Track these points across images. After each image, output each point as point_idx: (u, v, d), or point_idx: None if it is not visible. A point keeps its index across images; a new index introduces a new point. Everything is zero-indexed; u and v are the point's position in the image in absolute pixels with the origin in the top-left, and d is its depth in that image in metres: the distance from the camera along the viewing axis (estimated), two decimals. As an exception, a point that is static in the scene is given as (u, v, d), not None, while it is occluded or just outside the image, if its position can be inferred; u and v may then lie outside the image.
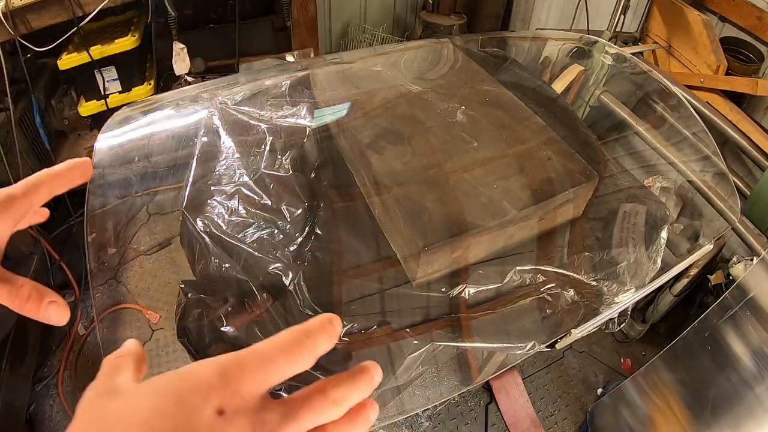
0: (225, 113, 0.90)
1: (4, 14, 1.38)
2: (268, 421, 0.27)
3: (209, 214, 0.78)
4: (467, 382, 1.07)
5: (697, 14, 1.54)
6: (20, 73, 1.60)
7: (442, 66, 1.16)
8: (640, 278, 0.80)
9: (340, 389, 0.30)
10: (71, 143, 1.94)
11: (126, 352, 0.32)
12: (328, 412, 0.29)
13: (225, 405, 0.25)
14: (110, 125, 0.89)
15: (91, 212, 0.80)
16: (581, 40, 1.33)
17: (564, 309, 0.77)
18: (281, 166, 0.85)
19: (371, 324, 0.72)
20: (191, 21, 1.99)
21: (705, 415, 1.07)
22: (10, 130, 1.57)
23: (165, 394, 0.26)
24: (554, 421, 1.59)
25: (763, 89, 1.40)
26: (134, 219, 0.98)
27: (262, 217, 0.78)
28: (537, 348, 0.72)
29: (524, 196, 0.78)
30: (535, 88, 1.11)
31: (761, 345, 0.99)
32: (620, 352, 1.76)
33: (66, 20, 1.49)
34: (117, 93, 1.79)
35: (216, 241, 0.75)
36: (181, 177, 0.83)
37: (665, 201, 1.07)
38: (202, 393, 0.25)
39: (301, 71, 1.05)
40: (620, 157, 1.17)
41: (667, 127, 1.22)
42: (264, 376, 0.27)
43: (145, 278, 1.84)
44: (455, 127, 0.90)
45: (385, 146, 0.85)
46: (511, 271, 0.77)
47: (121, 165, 0.86)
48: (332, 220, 0.81)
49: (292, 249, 0.75)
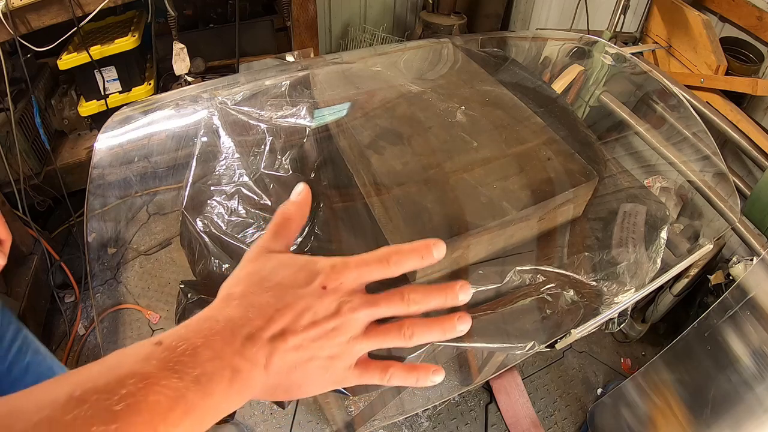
0: (225, 113, 0.90)
1: (4, 14, 1.38)
2: (353, 301, 0.37)
3: (209, 214, 0.78)
4: (467, 382, 1.07)
5: (697, 14, 1.54)
6: (20, 73, 1.60)
7: (442, 66, 1.16)
8: (640, 278, 0.80)
9: (415, 293, 0.38)
10: (71, 143, 1.94)
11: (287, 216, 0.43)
12: (401, 307, 0.38)
13: (327, 283, 0.37)
14: (110, 125, 0.89)
15: (90, 212, 0.80)
16: (581, 40, 1.33)
17: (564, 309, 0.77)
18: (281, 166, 0.85)
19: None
20: (191, 21, 1.99)
21: (705, 415, 1.07)
22: (10, 130, 1.57)
23: (295, 264, 0.38)
24: (554, 421, 1.59)
25: (763, 89, 1.40)
26: (134, 219, 0.98)
27: (261, 217, 0.78)
28: (537, 348, 0.72)
29: (524, 196, 0.78)
30: (535, 88, 1.11)
31: (761, 345, 0.99)
32: (620, 352, 1.76)
33: (66, 20, 1.49)
34: (117, 93, 1.79)
35: (216, 241, 0.75)
36: (181, 177, 0.83)
37: (665, 201, 1.07)
38: (315, 271, 0.37)
39: (301, 71, 1.05)
40: (620, 157, 1.17)
41: (667, 127, 1.22)
42: (360, 273, 0.37)
43: (145, 278, 1.84)
44: (455, 127, 0.90)
45: (384, 146, 0.85)
46: (511, 271, 0.77)
47: (121, 165, 0.86)
48: (332, 220, 0.81)
49: (292, 249, 0.75)
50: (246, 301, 0.35)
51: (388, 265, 0.38)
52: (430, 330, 0.39)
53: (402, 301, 0.38)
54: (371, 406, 0.96)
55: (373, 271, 0.38)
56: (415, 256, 0.39)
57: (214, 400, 0.31)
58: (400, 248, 0.39)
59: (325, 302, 0.36)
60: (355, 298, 0.37)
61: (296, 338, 0.35)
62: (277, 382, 0.35)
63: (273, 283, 0.36)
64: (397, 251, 0.38)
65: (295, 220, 0.43)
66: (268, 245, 0.41)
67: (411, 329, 0.38)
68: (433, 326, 0.39)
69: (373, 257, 0.38)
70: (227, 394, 0.32)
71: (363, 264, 0.38)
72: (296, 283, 0.36)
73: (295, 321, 0.35)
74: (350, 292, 0.37)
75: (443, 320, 0.39)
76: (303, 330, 0.35)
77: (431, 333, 0.39)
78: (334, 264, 0.38)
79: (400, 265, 0.38)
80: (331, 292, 0.36)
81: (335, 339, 0.36)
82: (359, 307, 0.37)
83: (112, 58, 1.69)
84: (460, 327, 0.40)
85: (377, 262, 0.38)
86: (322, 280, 0.37)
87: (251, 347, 0.33)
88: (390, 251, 0.38)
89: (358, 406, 1.00)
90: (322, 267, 0.37)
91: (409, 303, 0.38)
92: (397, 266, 0.38)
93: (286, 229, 0.42)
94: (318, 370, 0.36)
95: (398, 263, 0.38)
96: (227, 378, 0.31)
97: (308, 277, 0.37)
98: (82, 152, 1.89)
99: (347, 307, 0.36)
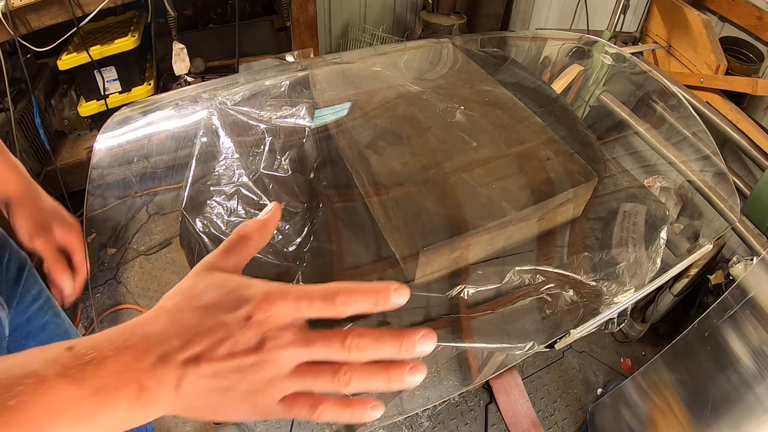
0: (224, 113, 0.90)
1: (4, 14, 1.38)
2: (280, 337, 0.33)
3: (208, 214, 0.78)
4: (467, 382, 1.07)
5: (697, 14, 1.54)
6: (20, 73, 1.60)
7: (441, 66, 1.16)
8: (639, 278, 0.80)
9: (361, 339, 0.34)
10: (71, 143, 1.94)
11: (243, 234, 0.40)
12: (339, 353, 0.34)
13: (254, 313, 0.33)
14: (110, 125, 0.89)
15: (90, 212, 0.80)
16: (581, 40, 1.33)
17: (563, 309, 0.77)
18: (280, 166, 0.85)
19: (371, 324, 0.72)
20: (191, 21, 1.99)
21: (705, 415, 1.07)
22: (10, 130, 1.57)
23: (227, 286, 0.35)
24: (554, 421, 1.58)
25: (763, 89, 1.40)
26: (134, 219, 0.98)
27: (261, 217, 0.77)
28: (536, 348, 0.72)
29: (523, 196, 0.78)
30: (535, 88, 1.11)
31: (761, 345, 0.99)
32: (620, 352, 1.76)
33: (66, 20, 1.49)
34: (117, 93, 1.79)
35: (215, 242, 0.75)
36: (181, 177, 0.83)
37: (665, 201, 1.07)
38: (244, 298, 0.34)
39: (301, 71, 1.05)
40: (620, 157, 1.17)
41: (667, 127, 1.22)
42: (296, 307, 0.34)
43: (145, 278, 1.84)
44: (454, 128, 0.90)
45: (384, 146, 0.85)
46: (511, 272, 0.77)
47: (121, 165, 0.86)
48: (331, 220, 0.81)
49: (291, 249, 0.75)
50: (171, 318, 0.33)
51: (332, 305, 0.34)
52: (372, 379, 0.35)
53: (342, 346, 0.34)
54: (371, 406, 0.95)
55: (312, 308, 0.34)
56: (368, 299, 0.35)
57: (116, 413, 0.31)
58: (353, 288, 0.35)
59: (247, 334, 0.33)
60: (284, 335, 0.33)
61: (211, 366, 0.32)
62: (191, 404, 0.33)
63: (200, 303, 0.34)
64: (348, 290, 0.35)
65: (252, 239, 0.40)
66: (213, 261, 0.38)
67: (348, 375, 0.34)
68: (377, 375, 0.35)
69: (318, 292, 0.34)
70: (131, 409, 0.31)
71: (303, 297, 0.34)
72: (222, 307, 0.34)
73: (212, 348, 0.32)
74: (280, 326, 0.34)
75: (390, 368, 0.35)
76: (220, 360, 0.32)
77: (373, 382, 0.35)
78: (268, 292, 0.34)
79: (347, 306, 0.34)
80: (256, 324, 0.33)
81: (255, 375, 0.33)
82: (287, 345, 0.33)
83: (112, 59, 1.69)
84: (410, 378, 0.35)
85: (321, 299, 0.34)
86: (249, 309, 0.33)
87: (162, 368, 0.32)
88: (339, 289, 0.35)
89: (358, 406, 1.00)
90: (253, 294, 0.34)
91: (350, 349, 0.34)
92: (343, 307, 0.34)
93: (240, 247, 0.40)
94: (237, 402, 0.34)
95: (345, 304, 0.34)
96: (132, 393, 0.31)
97: (235, 303, 0.34)
98: (81, 152, 1.89)
99: (272, 343, 0.33)
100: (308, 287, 0.35)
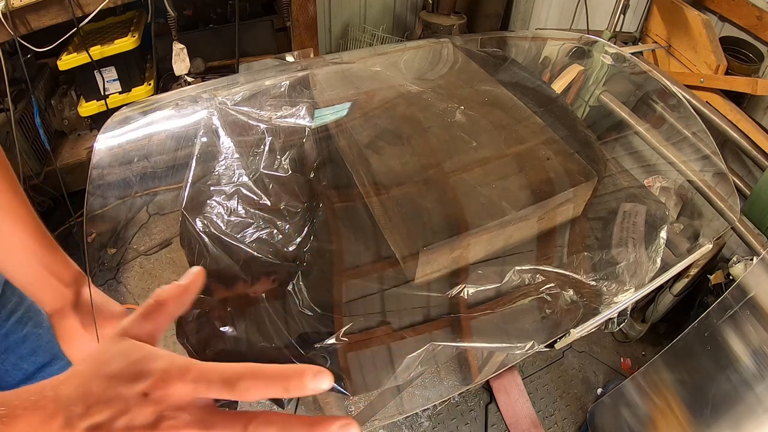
0: (224, 113, 0.90)
1: (4, 14, 1.38)
2: (176, 418, 0.32)
3: (209, 214, 0.78)
4: (467, 382, 1.07)
5: (697, 14, 1.54)
6: (20, 74, 1.60)
7: (441, 66, 1.16)
8: (639, 278, 0.80)
9: (266, 427, 0.32)
10: (71, 143, 1.94)
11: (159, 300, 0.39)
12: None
13: (151, 391, 0.32)
14: (110, 125, 0.89)
15: (90, 213, 0.80)
16: (581, 40, 1.33)
17: (563, 309, 0.77)
18: (280, 166, 0.85)
19: (370, 324, 0.72)
20: (191, 21, 2.00)
21: (705, 415, 1.07)
22: (10, 131, 1.57)
23: (132, 357, 0.34)
24: (554, 421, 1.59)
25: (762, 89, 1.40)
26: (134, 219, 0.98)
27: (261, 217, 0.77)
28: (536, 348, 0.72)
29: (523, 196, 0.78)
30: (535, 88, 1.11)
31: (761, 345, 0.99)
32: (620, 352, 1.76)
33: (66, 20, 1.49)
34: (117, 93, 1.79)
35: (215, 241, 0.75)
36: (181, 177, 0.83)
37: (665, 201, 1.07)
38: (145, 372, 0.33)
39: (301, 71, 1.05)
40: (620, 156, 1.17)
41: (667, 127, 1.22)
42: (195, 388, 0.32)
43: (145, 278, 1.84)
44: (454, 127, 0.90)
45: (384, 146, 0.85)
46: (511, 271, 0.77)
47: (121, 165, 0.86)
48: (331, 220, 0.81)
49: (291, 249, 0.75)
50: (80, 382, 0.33)
51: (233, 389, 0.32)
52: None
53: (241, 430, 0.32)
54: (371, 406, 0.96)
55: (211, 391, 0.32)
56: (276, 386, 0.32)
57: None
58: (258, 372, 0.33)
59: (144, 411, 0.32)
60: (181, 416, 0.32)
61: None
62: None
63: (106, 372, 0.33)
64: (252, 374, 0.33)
65: (168, 305, 0.39)
66: (128, 327, 0.37)
67: None
68: None
69: (218, 375, 0.33)
70: None
71: (202, 379, 0.32)
72: (123, 379, 0.33)
73: (111, 420, 0.32)
74: (177, 406, 0.32)
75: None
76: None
77: None
78: (167, 369, 0.33)
79: (250, 392, 0.32)
80: (152, 402, 0.32)
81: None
82: (183, 427, 0.32)
83: (112, 59, 1.69)
84: None
85: (221, 383, 0.32)
86: (147, 385, 0.32)
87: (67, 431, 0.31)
88: (244, 372, 0.33)
89: (358, 406, 1.00)
90: (154, 369, 0.33)
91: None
92: (246, 393, 0.32)
93: (155, 314, 0.39)
94: None
95: (248, 390, 0.32)
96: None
97: (135, 377, 0.33)
98: (81, 152, 1.89)
99: (168, 423, 0.32)
100: (211, 367, 0.33)
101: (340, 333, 0.67)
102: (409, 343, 0.70)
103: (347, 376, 0.66)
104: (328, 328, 0.67)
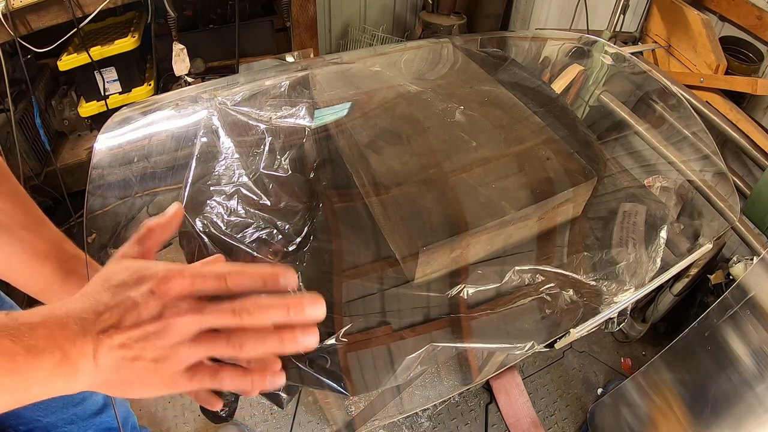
0: (224, 114, 0.90)
1: (4, 15, 1.38)
2: (178, 306, 0.38)
3: (208, 214, 0.78)
4: (467, 382, 1.07)
5: (697, 14, 1.54)
6: (20, 74, 1.60)
7: (441, 66, 1.16)
8: (639, 278, 0.80)
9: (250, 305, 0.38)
10: (71, 144, 1.94)
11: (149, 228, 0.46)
12: (231, 319, 0.38)
13: (155, 287, 0.38)
14: (110, 126, 0.89)
15: (90, 213, 0.80)
16: (581, 40, 1.33)
17: (563, 309, 0.77)
18: (280, 166, 0.85)
19: (370, 324, 0.72)
20: (191, 21, 1.99)
21: (705, 415, 1.07)
22: (11, 131, 1.57)
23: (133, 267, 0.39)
24: (554, 421, 1.58)
25: (762, 89, 1.39)
26: (134, 219, 0.98)
27: (261, 217, 0.78)
28: (536, 348, 0.72)
29: (523, 195, 0.78)
30: (535, 88, 1.11)
31: (761, 345, 0.99)
32: (620, 352, 1.76)
33: (66, 21, 1.49)
34: (117, 94, 1.79)
35: (215, 241, 0.75)
36: (181, 177, 0.83)
37: (665, 201, 1.07)
38: (147, 276, 0.38)
39: (301, 71, 1.05)
40: (620, 156, 1.17)
41: (667, 127, 1.22)
42: (192, 282, 0.38)
43: (146, 279, 1.84)
44: (454, 127, 0.90)
45: (384, 146, 0.85)
46: (510, 271, 0.77)
47: (121, 165, 0.86)
48: (331, 220, 0.81)
49: (291, 249, 0.75)
50: (88, 298, 0.38)
51: (224, 284, 0.39)
52: (264, 341, 0.39)
53: (233, 313, 0.38)
54: (371, 405, 0.96)
55: (206, 284, 0.39)
56: (257, 280, 0.39)
57: (41, 375, 0.34)
58: (243, 269, 0.40)
59: (150, 305, 0.37)
60: (180, 304, 0.38)
61: (121, 336, 0.36)
62: (107, 377, 0.37)
63: (111, 283, 0.38)
64: (238, 272, 0.39)
65: (156, 232, 0.46)
66: (125, 251, 0.44)
67: (239, 339, 0.38)
68: (268, 338, 0.39)
69: (210, 272, 0.39)
70: (54, 374, 0.35)
71: (197, 275, 0.39)
72: (129, 284, 0.38)
73: (120, 320, 0.37)
74: (177, 298, 0.38)
75: (282, 331, 0.39)
76: (127, 329, 0.36)
77: (266, 344, 0.39)
78: (168, 269, 0.39)
79: (238, 287, 0.39)
80: (157, 297, 0.38)
81: (158, 342, 0.37)
82: (184, 313, 0.37)
83: (112, 59, 1.69)
84: (303, 339, 0.39)
85: (213, 278, 0.39)
86: (151, 284, 0.38)
87: (82, 337, 0.36)
88: (230, 270, 0.39)
89: (359, 406, 1.00)
90: (154, 272, 0.39)
91: (241, 315, 0.38)
92: (234, 287, 0.39)
93: (146, 239, 0.45)
94: (145, 372, 0.37)
95: (236, 284, 0.39)
96: (57, 358, 0.35)
97: (139, 280, 0.38)
98: (82, 153, 1.89)
99: (171, 311, 0.37)
100: (202, 267, 0.40)
101: (340, 333, 0.67)
102: (408, 343, 0.70)
103: (347, 376, 0.66)
104: (328, 328, 0.67)
